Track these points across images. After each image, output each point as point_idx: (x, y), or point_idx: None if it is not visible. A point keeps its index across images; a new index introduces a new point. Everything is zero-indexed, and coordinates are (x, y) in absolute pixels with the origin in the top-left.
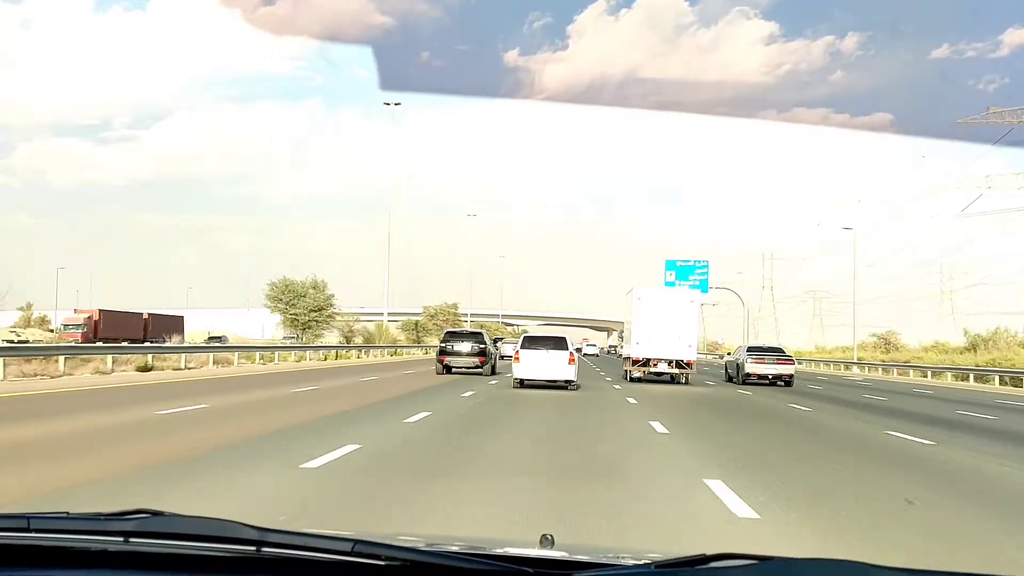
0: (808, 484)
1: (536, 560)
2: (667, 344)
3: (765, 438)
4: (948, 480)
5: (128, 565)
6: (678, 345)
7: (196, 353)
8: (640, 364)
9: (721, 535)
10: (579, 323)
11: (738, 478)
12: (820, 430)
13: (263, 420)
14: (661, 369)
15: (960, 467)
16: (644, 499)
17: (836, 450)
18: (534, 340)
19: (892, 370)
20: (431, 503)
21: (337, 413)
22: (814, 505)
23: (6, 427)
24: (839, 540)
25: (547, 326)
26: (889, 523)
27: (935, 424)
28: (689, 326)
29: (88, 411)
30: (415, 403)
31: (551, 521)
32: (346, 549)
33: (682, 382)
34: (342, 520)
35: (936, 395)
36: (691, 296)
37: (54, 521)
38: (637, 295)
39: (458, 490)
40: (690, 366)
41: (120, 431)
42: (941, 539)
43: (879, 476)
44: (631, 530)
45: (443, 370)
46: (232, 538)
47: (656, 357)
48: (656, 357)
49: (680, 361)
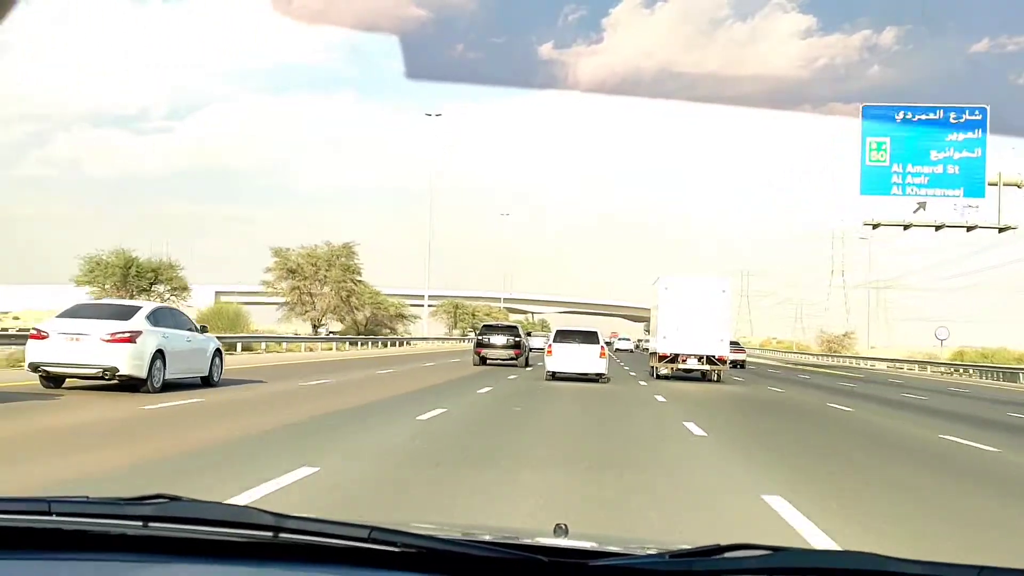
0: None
1: (550, 549)
2: (697, 338)
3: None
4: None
5: (146, 549)
6: (709, 339)
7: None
8: (667, 360)
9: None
10: (608, 310)
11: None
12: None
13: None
14: (691, 366)
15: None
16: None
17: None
18: (566, 334)
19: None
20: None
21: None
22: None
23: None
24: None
25: (567, 314)
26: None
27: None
28: (721, 318)
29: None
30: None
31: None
32: (363, 536)
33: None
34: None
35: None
36: (723, 285)
37: (74, 505)
38: (663, 284)
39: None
40: (722, 362)
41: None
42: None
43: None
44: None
45: (479, 361)
46: (249, 523)
47: (685, 352)
48: (685, 352)
49: (711, 357)
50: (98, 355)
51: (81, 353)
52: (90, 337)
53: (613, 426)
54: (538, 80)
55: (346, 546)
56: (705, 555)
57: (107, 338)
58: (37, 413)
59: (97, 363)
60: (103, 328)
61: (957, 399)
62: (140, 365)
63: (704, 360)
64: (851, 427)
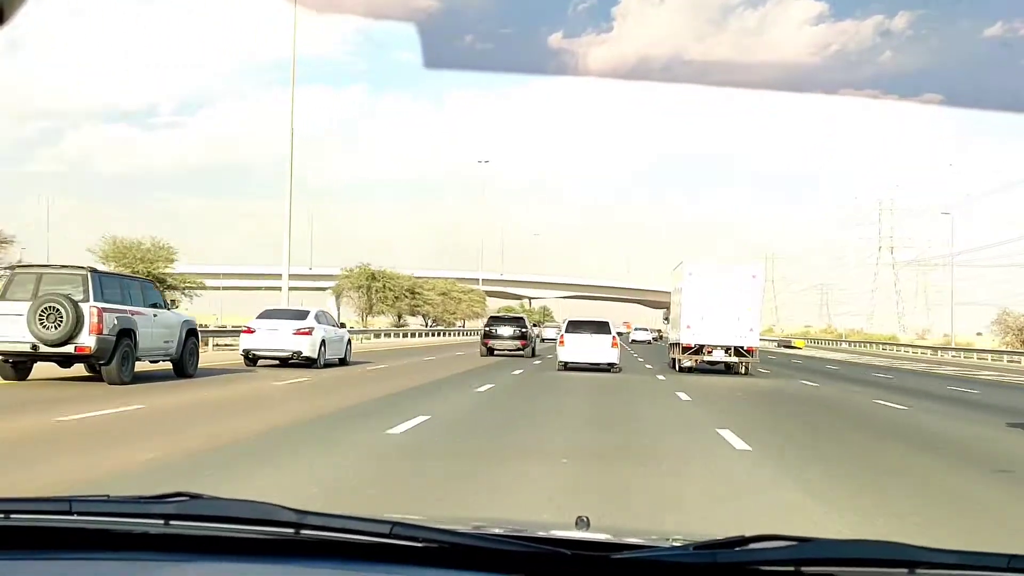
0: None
1: (573, 542)
2: (724, 328)
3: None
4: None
5: (168, 548)
6: (737, 329)
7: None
8: (692, 352)
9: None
10: (620, 293)
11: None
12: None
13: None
14: (716, 358)
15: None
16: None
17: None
18: (578, 325)
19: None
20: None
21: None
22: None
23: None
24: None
25: (571, 299)
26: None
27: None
28: (751, 306)
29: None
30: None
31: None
32: (384, 531)
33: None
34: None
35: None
36: (753, 270)
37: (96, 504)
38: (688, 270)
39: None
40: (751, 353)
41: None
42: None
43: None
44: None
45: (486, 352)
46: (271, 520)
47: (711, 343)
48: (711, 343)
49: (740, 348)
50: (289, 343)
51: (277, 342)
52: (282, 331)
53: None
54: (549, 68)
55: (368, 542)
56: (730, 546)
57: (294, 332)
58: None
59: (289, 348)
60: (291, 326)
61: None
62: (314, 349)
63: (732, 351)
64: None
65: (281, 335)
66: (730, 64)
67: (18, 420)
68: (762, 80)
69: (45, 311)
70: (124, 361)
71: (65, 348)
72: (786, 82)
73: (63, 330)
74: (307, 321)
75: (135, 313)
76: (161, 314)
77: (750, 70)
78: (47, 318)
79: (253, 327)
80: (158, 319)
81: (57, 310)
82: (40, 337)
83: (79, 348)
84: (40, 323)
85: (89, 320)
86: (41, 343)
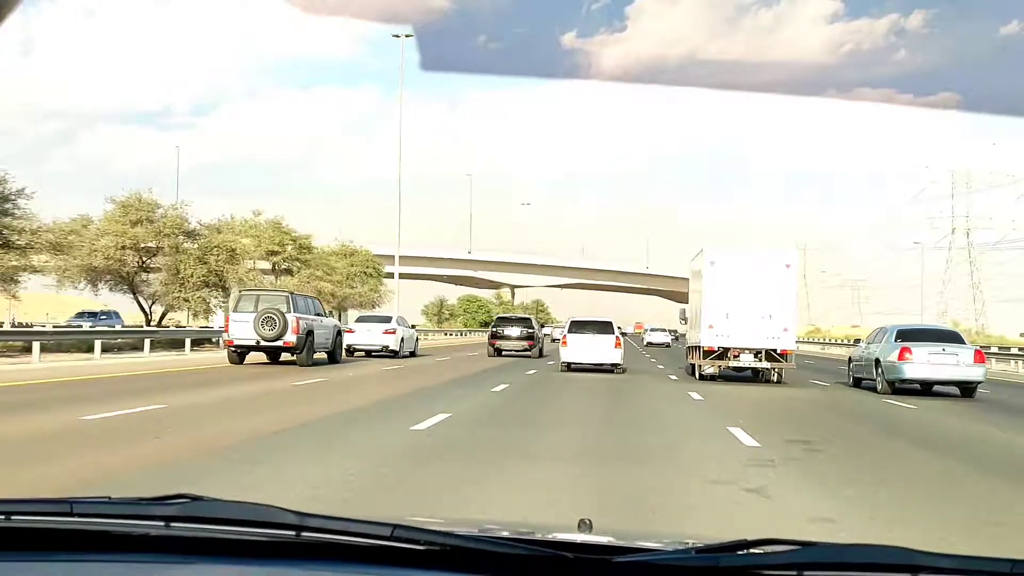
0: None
1: (575, 545)
2: (753, 328)
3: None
4: None
5: (169, 549)
6: (769, 328)
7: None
8: (714, 356)
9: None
10: (636, 282)
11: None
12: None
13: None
14: (744, 363)
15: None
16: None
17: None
18: (581, 325)
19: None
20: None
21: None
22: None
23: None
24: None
25: (573, 287)
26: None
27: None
28: (784, 302)
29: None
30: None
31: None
32: (385, 534)
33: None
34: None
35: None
36: (787, 258)
37: (96, 506)
38: (709, 258)
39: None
40: (785, 357)
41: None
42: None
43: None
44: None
45: (494, 352)
46: (271, 523)
47: (738, 346)
48: (738, 346)
49: (772, 351)
50: (380, 340)
51: (372, 339)
52: (374, 332)
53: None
54: (561, 69)
55: (369, 544)
56: (731, 550)
57: (384, 331)
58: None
59: (380, 344)
60: (380, 327)
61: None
62: (397, 344)
63: (763, 355)
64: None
65: (374, 334)
66: (744, 63)
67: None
68: (775, 80)
69: (265, 319)
70: (309, 352)
71: (277, 343)
72: (800, 83)
73: (277, 331)
74: (391, 324)
75: (313, 320)
76: (324, 320)
77: (764, 69)
78: (266, 323)
79: (354, 328)
80: (323, 323)
81: (272, 318)
82: (262, 335)
83: (286, 343)
84: (262, 327)
85: (292, 325)
86: (262, 339)
